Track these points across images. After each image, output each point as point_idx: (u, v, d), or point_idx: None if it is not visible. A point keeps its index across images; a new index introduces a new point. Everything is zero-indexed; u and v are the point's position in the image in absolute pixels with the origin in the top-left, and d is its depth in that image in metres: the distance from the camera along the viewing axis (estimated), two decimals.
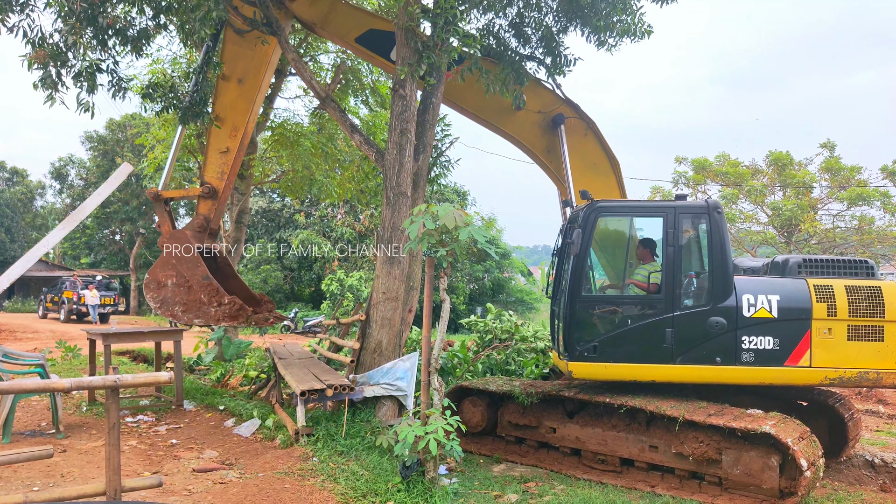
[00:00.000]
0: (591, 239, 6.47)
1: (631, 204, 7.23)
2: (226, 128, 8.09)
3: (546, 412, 6.81)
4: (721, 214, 6.35)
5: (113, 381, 3.86)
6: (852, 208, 22.71)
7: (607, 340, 6.36)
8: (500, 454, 7.01)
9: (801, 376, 6.06)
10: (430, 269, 5.67)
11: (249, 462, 6.08)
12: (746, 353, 6.11)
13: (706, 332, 6.16)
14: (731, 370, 6.11)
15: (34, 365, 7.27)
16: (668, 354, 6.19)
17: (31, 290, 36.47)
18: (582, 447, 6.51)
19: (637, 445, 6.14)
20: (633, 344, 6.33)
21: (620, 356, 6.31)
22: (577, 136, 7.79)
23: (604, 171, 7.60)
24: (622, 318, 6.46)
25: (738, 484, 5.60)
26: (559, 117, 7.75)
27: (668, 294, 6.30)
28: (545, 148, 7.87)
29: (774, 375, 6.07)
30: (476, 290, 29.03)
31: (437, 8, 7.29)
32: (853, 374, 6.01)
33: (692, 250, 6.55)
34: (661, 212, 6.52)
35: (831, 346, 6.05)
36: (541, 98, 7.94)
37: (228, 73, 8.15)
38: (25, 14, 6.95)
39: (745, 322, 6.12)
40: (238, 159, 8.22)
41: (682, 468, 5.90)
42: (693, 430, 5.79)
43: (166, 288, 7.42)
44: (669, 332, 6.19)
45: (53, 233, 7.62)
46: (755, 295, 6.16)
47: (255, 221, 29.86)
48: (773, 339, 6.10)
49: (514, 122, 8.04)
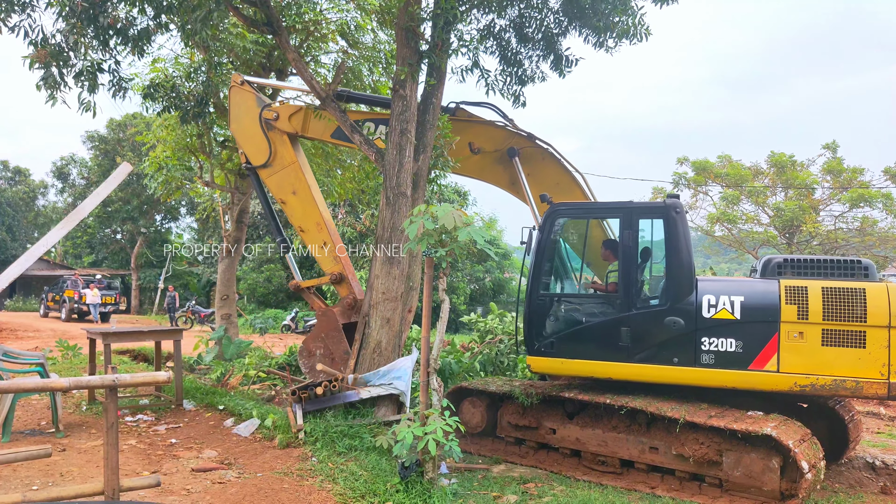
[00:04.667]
0: (549, 239, 6.71)
1: (589, 206, 7.42)
2: (312, 230, 8.86)
3: (546, 413, 6.79)
4: (679, 214, 6.24)
5: (111, 380, 3.86)
6: (854, 210, 22.68)
7: (564, 337, 6.58)
8: (500, 455, 7.01)
9: (767, 381, 5.79)
10: (430, 269, 5.66)
11: (248, 462, 6.08)
12: (706, 354, 5.96)
13: (663, 332, 6.11)
14: (689, 371, 6.02)
15: (34, 364, 7.27)
16: (625, 353, 6.25)
17: (33, 289, 36.52)
18: (582, 448, 6.49)
19: (637, 447, 6.12)
20: (590, 341, 6.48)
21: (577, 353, 6.48)
22: (535, 162, 8.16)
23: (567, 188, 7.97)
24: (579, 315, 6.65)
25: (738, 486, 5.57)
26: (511, 151, 8.12)
27: (624, 293, 6.34)
28: (508, 181, 8.35)
29: (737, 379, 5.87)
30: (477, 290, 29.02)
31: (438, 8, 7.29)
32: (827, 382, 5.62)
33: (649, 249, 6.63)
34: (618, 212, 6.59)
35: (803, 351, 5.70)
36: (493, 139, 8.35)
37: (283, 197, 9.03)
38: (27, 14, 6.96)
39: (704, 323, 5.99)
40: (334, 234, 8.96)
41: (683, 469, 5.89)
42: (694, 431, 5.76)
43: (315, 357, 8.27)
44: (625, 331, 6.25)
45: (53, 232, 7.63)
46: (717, 295, 5.99)
47: (256, 221, 29.87)
48: (735, 342, 5.89)
49: (473, 166, 8.57)
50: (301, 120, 8.91)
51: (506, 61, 8.69)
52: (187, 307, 24.81)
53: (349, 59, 11.96)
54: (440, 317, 5.58)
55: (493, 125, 8.41)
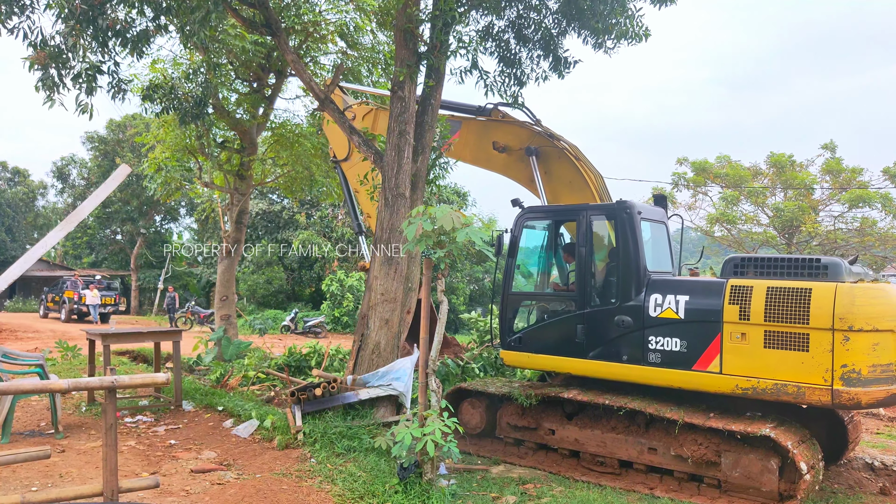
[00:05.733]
0: (519, 240, 7.06)
1: (553, 208, 7.71)
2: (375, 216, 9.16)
3: (545, 414, 6.81)
4: (630, 214, 6.29)
5: (110, 381, 3.87)
6: (853, 210, 22.69)
7: (529, 333, 6.97)
8: (499, 456, 7.02)
9: (710, 382, 5.69)
10: (428, 270, 5.67)
11: (247, 463, 6.08)
12: (653, 353, 5.98)
13: (613, 330, 6.24)
14: (638, 369, 6.08)
15: (33, 365, 7.27)
16: (581, 349, 6.45)
17: (33, 290, 36.51)
18: (581, 449, 6.50)
19: (636, 447, 6.13)
20: (551, 338, 6.76)
21: (540, 348, 6.79)
22: (552, 161, 8.41)
23: (579, 187, 8.19)
24: (542, 313, 7.02)
25: (737, 486, 5.57)
26: (529, 149, 8.48)
27: (579, 292, 6.58)
28: (528, 178, 8.73)
29: (682, 379, 5.83)
30: (476, 291, 29.03)
31: (436, 10, 7.30)
32: (769, 386, 5.38)
33: (603, 250, 6.79)
34: (576, 214, 6.80)
35: (745, 353, 5.50)
36: (519, 137, 8.75)
37: (356, 186, 10.49)
38: (26, 15, 6.97)
39: (651, 322, 6.00)
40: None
41: (682, 470, 5.89)
42: (692, 432, 5.76)
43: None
44: (580, 329, 6.45)
45: (52, 233, 7.61)
46: (664, 295, 6.00)
47: (255, 223, 29.87)
48: (679, 341, 5.84)
49: (499, 163, 9.05)
50: (372, 119, 10.29)
51: (505, 62, 8.71)
52: (187, 308, 24.81)
53: (348, 61, 11.96)
54: (439, 318, 5.59)
55: (521, 125, 8.76)
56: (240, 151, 12.45)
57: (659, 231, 7.02)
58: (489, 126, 8.99)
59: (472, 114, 9.13)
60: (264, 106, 12.43)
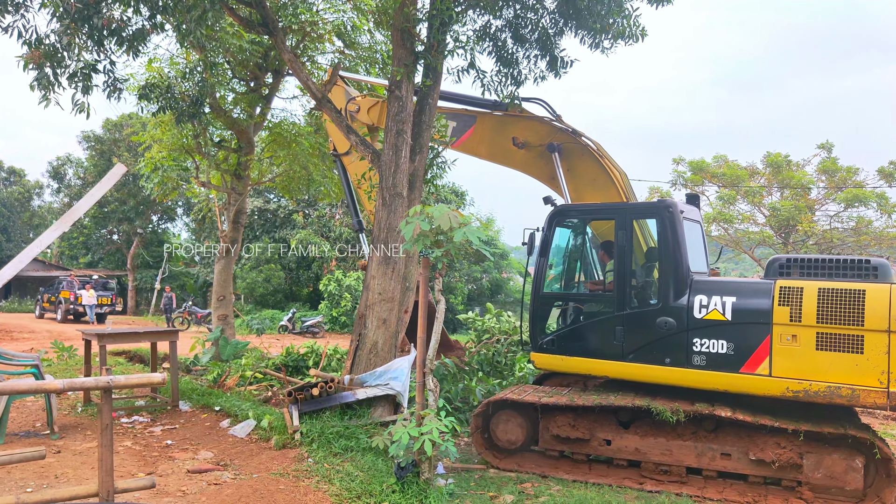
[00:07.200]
0: (552, 239, 6.84)
1: (589, 207, 7.48)
2: None
3: (597, 423, 6.25)
4: (673, 213, 6.19)
5: (106, 382, 3.85)
6: (849, 209, 22.76)
7: (564, 335, 6.71)
8: (545, 471, 6.37)
9: (758, 385, 5.58)
10: (426, 269, 5.66)
11: (244, 463, 6.07)
12: (698, 356, 5.85)
13: (655, 332, 6.08)
14: (681, 372, 5.93)
15: (29, 365, 7.25)
16: (619, 352, 6.27)
17: (28, 290, 36.41)
18: (642, 458, 6.07)
19: (708, 454, 5.83)
20: (587, 340, 6.55)
21: (576, 350, 6.55)
22: (575, 158, 8.26)
23: (603, 185, 8.03)
24: (577, 314, 6.76)
25: (819, 487, 5.40)
26: (551, 146, 8.30)
27: (619, 293, 6.39)
28: (549, 175, 8.54)
29: (728, 382, 5.71)
30: (475, 290, 29.04)
31: (434, 9, 7.30)
32: (822, 388, 5.31)
33: (643, 250, 6.65)
34: (614, 213, 6.64)
35: (796, 355, 5.45)
36: (538, 133, 8.56)
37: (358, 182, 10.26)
38: (21, 14, 6.93)
39: (695, 324, 5.88)
40: None
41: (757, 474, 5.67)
42: (774, 435, 5.58)
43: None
44: (620, 330, 6.28)
45: (47, 233, 7.59)
46: (709, 296, 5.89)
47: (251, 221, 29.82)
48: (726, 343, 5.74)
49: (518, 159, 8.84)
50: (378, 112, 9.77)
51: (502, 62, 8.70)
52: (184, 308, 24.76)
53: (346, 60, 11.95)
54: (436, 317, 5.58)
55: (540, 121, 8.58)
56: (237, 151, 12.42)
57: (694, 231, 6.82)
58: (506, 121, 8.74)
59: (489, 108, 8.87)
60: (261, 105, 12.40)
